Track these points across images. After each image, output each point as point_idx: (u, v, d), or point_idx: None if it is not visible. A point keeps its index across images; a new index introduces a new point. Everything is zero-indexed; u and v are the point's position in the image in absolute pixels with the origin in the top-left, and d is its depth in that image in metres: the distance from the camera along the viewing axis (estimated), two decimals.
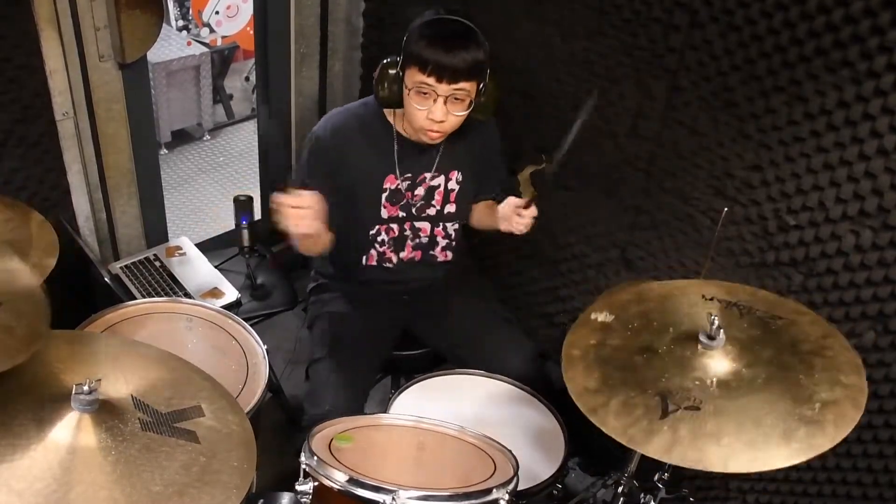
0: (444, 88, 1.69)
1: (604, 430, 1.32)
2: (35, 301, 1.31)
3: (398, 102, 1.78)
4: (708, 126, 1.85)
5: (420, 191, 1.95)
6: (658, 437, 1.28)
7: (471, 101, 1.74)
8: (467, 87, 1.71)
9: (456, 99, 1.72)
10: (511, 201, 1.85)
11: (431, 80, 1.68)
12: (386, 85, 1.76)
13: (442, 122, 1.74)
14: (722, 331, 1.39)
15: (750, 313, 1.51)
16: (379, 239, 1.98)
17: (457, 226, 2.04)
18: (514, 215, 1.83)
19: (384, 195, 1.93)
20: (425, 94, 1.71)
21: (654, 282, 1.64)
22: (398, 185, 1.93)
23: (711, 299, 1.54)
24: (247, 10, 4.21)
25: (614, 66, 1.98)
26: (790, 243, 1.80)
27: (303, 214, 1.60)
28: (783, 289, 1.83)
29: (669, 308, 1.53)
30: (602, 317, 1.52)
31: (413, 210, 1.97)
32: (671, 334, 1.46)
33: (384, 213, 1.95)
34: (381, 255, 2.01)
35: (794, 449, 1.26)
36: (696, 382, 1.36)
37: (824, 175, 1.69)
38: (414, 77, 1.70)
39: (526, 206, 1.80)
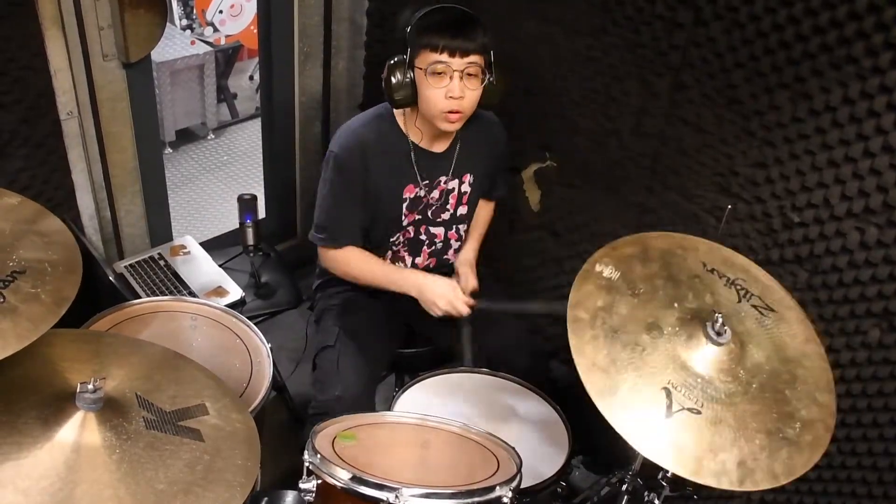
0: (458, 62, 1.73)
1: (609, 420, 1.31)
2: (60, 268, 1.29)
3: (412, 99, 1.80)
4: (712, 123, 1.85)
5: (436, 193, 1.97)
6: (661, 440, 1.29)
7: (484, 75, 1.78)
8: (479, 60, 1.76)
9: (469, 74, 1.76)
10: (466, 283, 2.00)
11: (445, 56, 1.73)
12: (397, 83, 1.77)
13: (461, 98, 1.76)
14: (728, 329, 1.39)
15: (746, 297, 1.50)
16: (394, 239, 2.00)
17: (466, 226, 2.07)
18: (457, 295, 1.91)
19: (405, 204, 1.95)
20: (441, 73, 1.74)
21: (656, 233, 1.61)
22: (417, 192, 1.95)
23: (712, 271, 1.53)
24: (250, 9, 4.21)
25: (618, 63, 1.98)
26: (795, 240, 1.79)
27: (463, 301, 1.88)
28: (788, 286, 1.82)
29: (674, 273, 1.51)
30: (607, 271, 1.50)
31: (429, 213, 1.98)
32: (677, 312, 1.45)
33: (404, 221, 1.97)
34: (395, 253, 2.04)
35: (775, 472, 1.27)
36: (699, 380, 1.36)
37: (829, 172, 1.68)
38: (427, 59, 1.74)
39: (472, 296, 1.93)
